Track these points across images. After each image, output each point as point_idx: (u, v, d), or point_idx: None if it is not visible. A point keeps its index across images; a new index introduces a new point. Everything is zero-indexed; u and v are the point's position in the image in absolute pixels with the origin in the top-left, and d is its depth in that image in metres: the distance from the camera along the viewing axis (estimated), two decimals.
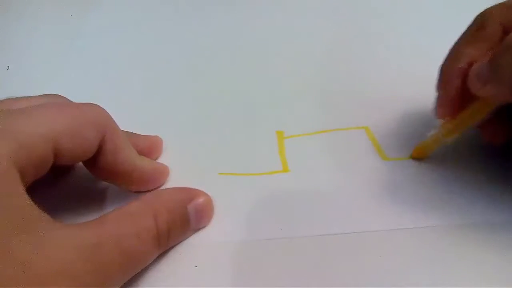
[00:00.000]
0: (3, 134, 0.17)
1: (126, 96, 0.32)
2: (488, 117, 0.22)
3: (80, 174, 0.25)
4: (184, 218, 0.21)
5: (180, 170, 0.25)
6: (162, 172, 0.24)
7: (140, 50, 0.37)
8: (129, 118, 0.24)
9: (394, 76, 0.32)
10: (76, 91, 0.24)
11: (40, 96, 0.22)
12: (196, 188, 0.23)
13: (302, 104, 0.30)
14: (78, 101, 0.22)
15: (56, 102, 0.21)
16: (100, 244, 0.17)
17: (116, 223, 0.18)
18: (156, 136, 0.27)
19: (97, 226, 0.18)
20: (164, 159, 0.26)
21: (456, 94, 0.22)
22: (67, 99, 0.23)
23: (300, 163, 0.26)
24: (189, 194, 0.22)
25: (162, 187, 0.24)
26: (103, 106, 0.21)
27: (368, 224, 0.22)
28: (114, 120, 0.21)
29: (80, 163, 0.22)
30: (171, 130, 0.28)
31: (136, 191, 0.23)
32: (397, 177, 0.24)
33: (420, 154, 0.25)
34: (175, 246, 0.21)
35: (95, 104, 0.21)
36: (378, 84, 0.31)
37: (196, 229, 0.22)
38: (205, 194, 0.22)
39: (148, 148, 0.25)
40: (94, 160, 0.21)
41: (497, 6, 0.22)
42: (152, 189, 0.24)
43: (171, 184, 0.24)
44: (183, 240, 0.21)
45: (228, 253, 0.21)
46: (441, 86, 0.23)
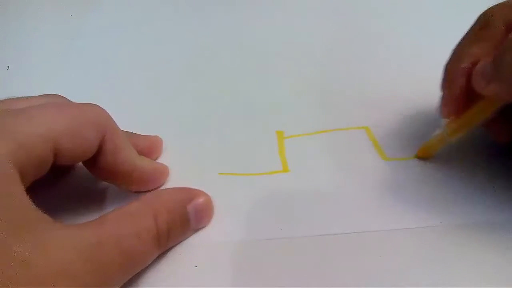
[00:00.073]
0: (3, 134, 0.17)
1: (126, 96, 0.32)
2: (492, 116, 0.22)
3: (80, 174, 0.25)
4: (184, 218, 0.21)
5: (180, 170, 0.25)
6: (162, 172, 0.24)
7: (140, 50, 0.37)
8: (129, 118, 0.24)
9: (394, 76, 0.32)
10: (76, 91, 0.24)
11: (40, 96, 0.22)
12: (196, 188, 0.23)
13: (302, 104, 0.30)
14: (78, 101, 0.22)
15: (56, 102, 0.21)
16: (100, 244, 0.17)
17: (116, 223, 0.18)
18: (156, 136, 0.27)
19: (97, 226, 0.18)
20: (164, 159, 0.26)
21: (460, 93, 0.22)
22: (67, 99, 0.23)
23: (300, 163, 0.26)
24: (189, 194, 0.22)
25: (162, 187, 0.24)
26: (103, 106, 0.21)
27: (368, 224, 0.22)
28: (114, 120, 0.21)
29: (80, 163, 0.22)
30: (171, 130, 0.28)
31: (136, 191, 0.23)
32: (397, 177, 0.24)
33: (425, 153, 0.25)
34: (175, 246, 0.21)
35: (95, 104, 0.21)
36: (378, 84, 0.31)
37: (196, 229, 0.22)
38: (205, 194, 0.22)
39: (148, 148, 0.25)
40: (94, 160, 0.21)
41: (500, 5, 0.22)
42: (152, 189, 0.24)
43: (171, 184, 0.24)
44: (183, 240, 0.21)
45: (228, 253, 0.21)
46: (445, 85, 0.23)
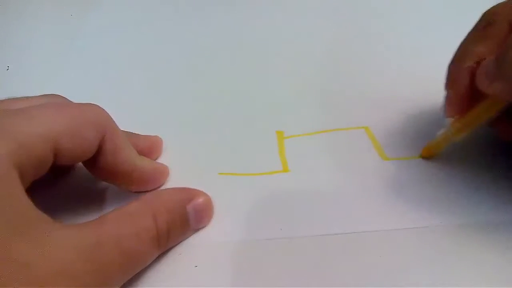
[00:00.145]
0: (3, 134, 0.17)
1: (126, 96, 0.32)
2: (497, 115, 0.22)
3: (80, 174, 0.25)
4: (184, 218, 0.21)
5: (180, 170, 0.25)
6: (162, 172, 0.24)
7: (140, 50, 0.37)
8: (129, 118, 0.24)
9: (394, 76, 0.32)
10: (76, 91, 0.25)
11: (40, 96, 0.22)
12: (196, 188, 0.23)
13: (302, 104, 0.30)
14: (78, 101, 0.22)
15: (56, 102, 0.21)
16: (100, 244, 0.17)
17: (115, 223, 0.18)
18: (156, 136, 0.27)
19: (96, 226, 0.18)
20: (164, 159, 0.26)
21: (465, 92, 0.22)
22: (67, 99, 0.23)
23: (300, 163, 0.26)
24: (188, 194, 0.22)
25: (162, 187, 0.24)
26: (103, 106, 0.21)
27: (368, 224, 0.22)
28: (114, 120, 0.21)
29: (80, 163, 0.22)
30: (171, 130, 0.28)
31: (136, 191, 0.23)
32: (397, 177, 0.24)
33: (429, 153, 0.25)
34: (175, 246, 0.21)
35: (95, 104, 0.21)
36: (378, 84, 0.31)
37: (196, 229, 0.22)
38: (204, 194, 0.22)
39: (148, 148, 0.25)
40: (94, 160, 0.21)
41: (503, 4, 0.22)
42: (152, 189, 0.24)
43: (171, 184, 0.24)
44: (183, 240, 0.21)
45: (228, 253, 0.21)
46: (449, 84, 0.23)
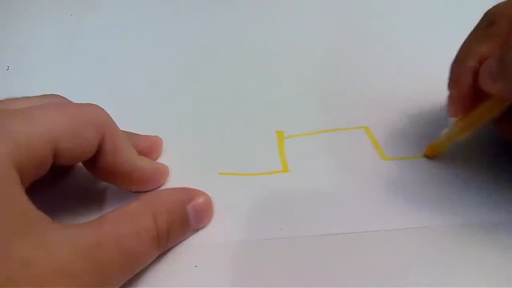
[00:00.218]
0: (2, 134, 0.17)
1: (126, 96, 0.32)
2: (500, 115, 0.22)
3: (80, 174, 0.25)
4: (184, 218, 0.21)
5: (180, 170, 0.25)
6: (162, 172, 0.24)
7: (140, 50, 0.37)
8: (129, 118, 0.24)
9: (394, 76, 0.32)
10: (76, 91, 0.25)
11: (40, 96, 0.22)
12: (196, 188, 0.23)
13: (302, 104, 0.30)
14: (78, 101, 0.22)
15: (55, 102, 0.21)
16: (100, 244, 0.17)
17: (115, 223, 0.18)
18: (156, 136, 0.27)
19: (96, 226, 0.18)
20: (164, 159, 0.26)
21: (468, 92, 0.22)
22: (67, 99, 0.23)
23: (300, 163, 0.26)
24: (188, 194, 0.22)
25: (162, 187, 0.24)
26: (103, 106, 0.21)
27: (368, 224, 0.22)
28: (114, 120, 0.21)
29: (80, 163, 0.22)
30: (171, 130, 0.28)
31: (136, 191, 0.23)
32: (397, 176, 0.24)
33: (432, 152, 0.25)
34: (175, 246, 0.21)
35: (95, 104, 0.21)
36: (378, 84, 0.31)
37: (196, 229, 0.22)
38: (204, 194, 0.22)
39: (148, 148, 0.25)
40: (94, 160, 0.21)
41: (504, 4, 0.22)
42: (152, 189, 0.24)
43: (171, 184, 0.24)
44: (183, 240, 0.21)
45: (228, 253, 0.21)
46: (452, 84, 0.23)
